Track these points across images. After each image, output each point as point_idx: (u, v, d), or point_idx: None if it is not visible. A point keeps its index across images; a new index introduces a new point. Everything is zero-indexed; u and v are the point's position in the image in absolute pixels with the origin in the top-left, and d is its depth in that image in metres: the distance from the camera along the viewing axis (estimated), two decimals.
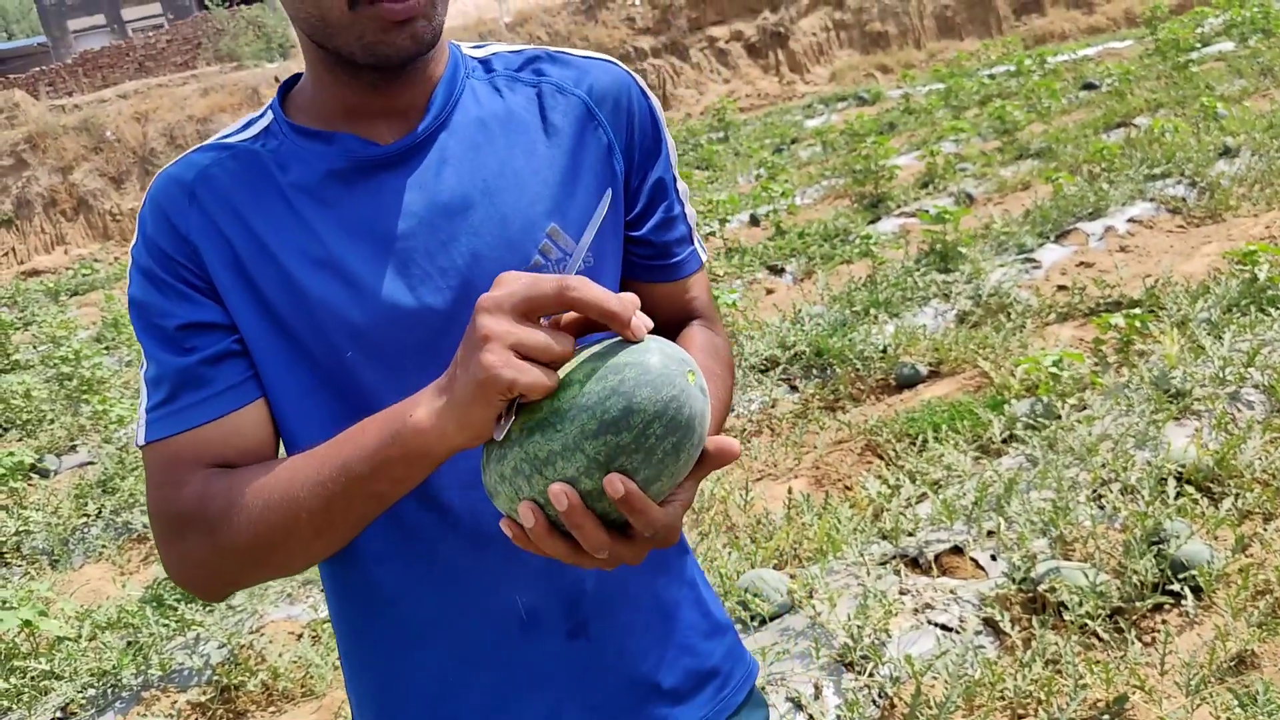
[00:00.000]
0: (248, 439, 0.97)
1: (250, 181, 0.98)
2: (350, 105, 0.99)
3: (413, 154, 0.99)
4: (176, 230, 0.96)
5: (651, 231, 1.11)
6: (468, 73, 1.06)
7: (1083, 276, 5.33)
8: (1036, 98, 10.34)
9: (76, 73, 24.12)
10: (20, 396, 6.77)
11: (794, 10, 19.02)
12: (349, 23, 0.90)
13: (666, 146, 1.12)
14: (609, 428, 0.75)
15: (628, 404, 0.75)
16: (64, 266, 14.97)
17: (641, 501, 0.76)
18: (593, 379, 0.77)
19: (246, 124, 1.04)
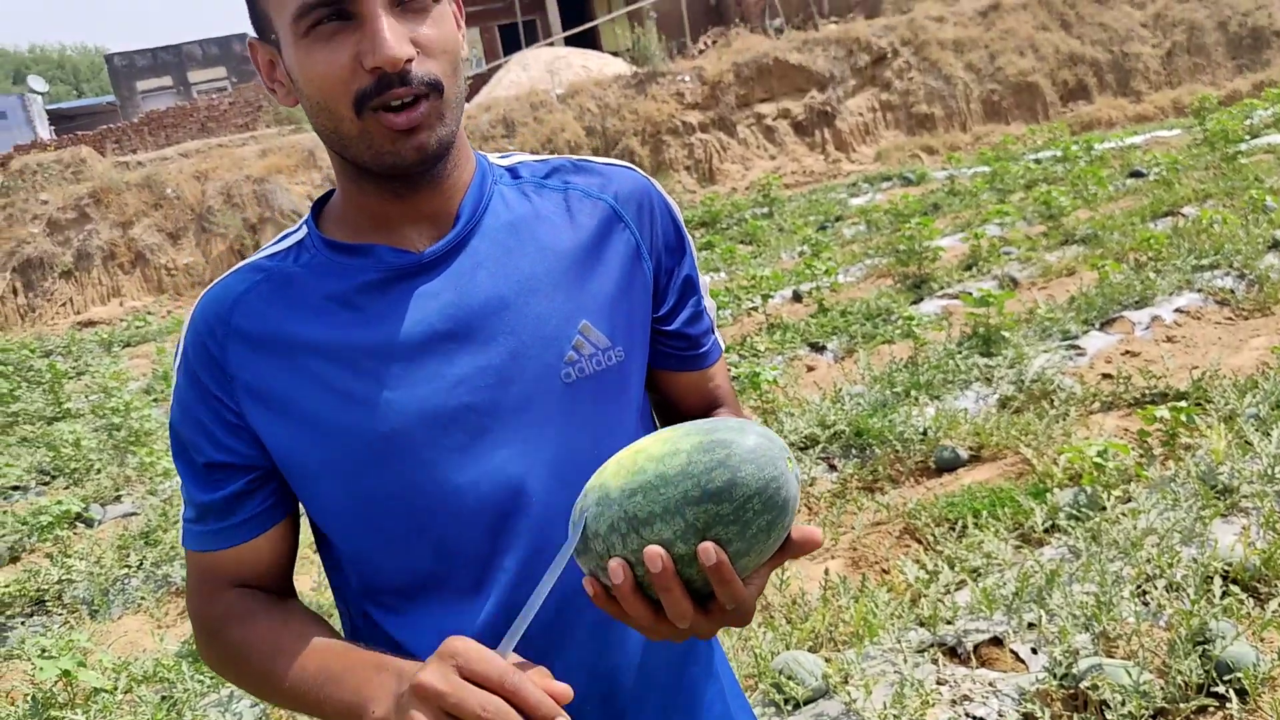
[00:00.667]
0: (263, 563, 1.10)
1: (285, 303, 1.04)
2: (380, 214, 1.05)
3: (446, 259, 1.04)
4: (214, 359, 1.04)
5: (683, 325, 1.19)
6: (495, 179, 1.11)
7: (1128, 366, 5.29)
8: (1083, 184, 10.37)
9: (142, 131, 24.92)
10: (70, 445, 6.91)
11: (841, 90, 19.28)
12: (358, 133, 0.96)
13: (689, 246, 1.20)
14: (712, 497, 0.79)
15: (732, 477, 0.80)
16: (118, 318, 15.31)
17: (730, 572, 0.81)
18: (699, 450, 0.82)
19: (283, 238, 1.11)
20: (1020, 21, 20.02)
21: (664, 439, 0.85)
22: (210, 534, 1.08)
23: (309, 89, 0.97)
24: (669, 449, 0.83)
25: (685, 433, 0.85)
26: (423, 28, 0.96)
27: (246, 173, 17.35)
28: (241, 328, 1.04)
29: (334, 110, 0.96)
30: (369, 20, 0.93)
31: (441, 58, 0.97)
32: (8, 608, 4.55)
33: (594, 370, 1.06)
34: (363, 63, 0.93)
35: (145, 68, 32.75)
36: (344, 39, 0.94)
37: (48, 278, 16.24)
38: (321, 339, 1.02)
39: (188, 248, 16.81)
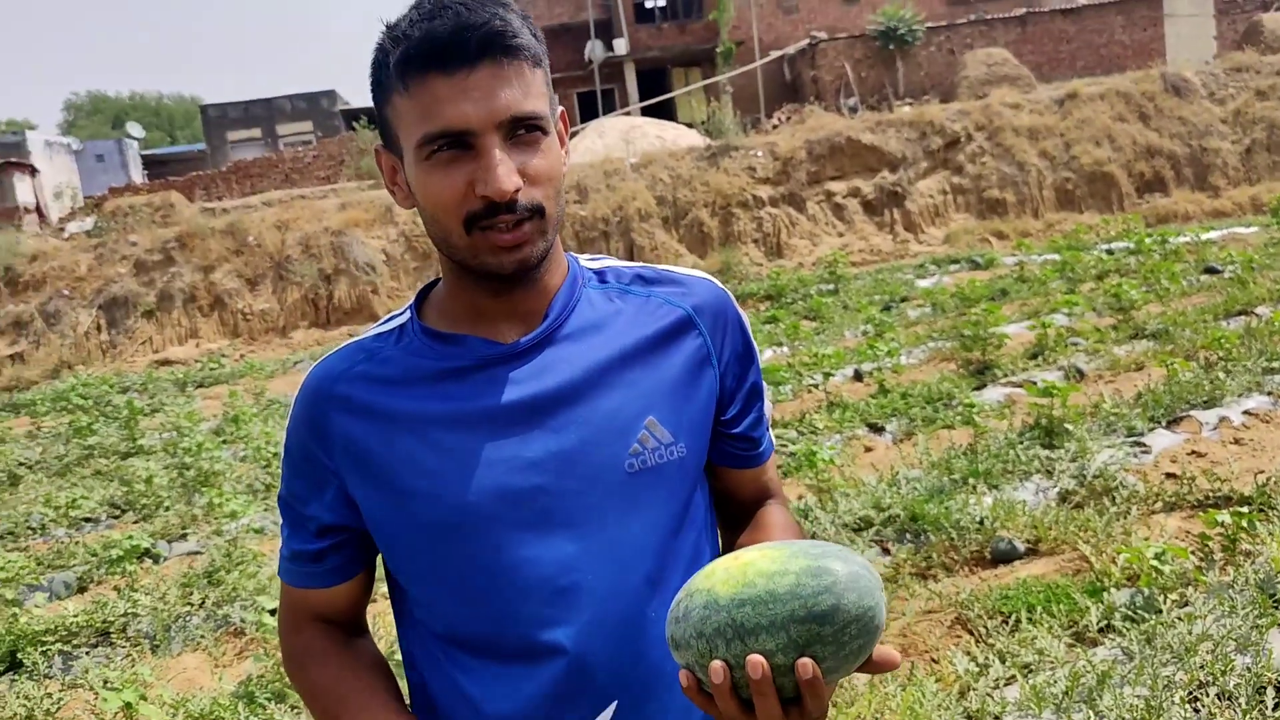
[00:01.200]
0: (341, 604, 1.26)
1: (382, 382, 1.17)
2: (477, 309, 1.17)
3: (531, 351, 1.16)
4: (318, 428, 1.18)
5: (748, 429, 1.29)
6: (584, 282, 1.23)
7: (1193, 466, 5.22)
8: (1155, 278, 10.28)
9: (229, 179, 25.87)
10: (142, 481, 7.13)
11: (913, 172, 19.38)
12: (466, 245, 1.09)
13: (755, 355, 1.30)
14: (816, 619, 0.90)
15: (836, 603, 0.90)
16: (194, 359, 15.80)
17: (822, 687, 0.91)
18: (807, 574, 0.92)
19: (388, 320, 1.25)
20: (1097, 112, 20.02)
21: (772, 557, 0.95)
22: (301, 574, 1.25)
23: (426, 203, 1.09)
24: (778, 568, 0.92)
25: (792, 554, 0.94)
26: (531, 159, 1.07)
27: (325, 224, 17.91)
28: (343, 402, 1.17)
29: (446, 225, 1.09)
30: (484, 154, 1.04)
31: (546, 185, 1.09)
32: (74, 637, 4.70)
33: (656, 463, 1.16)
34: (475, 189, 1.05)
35: (236, 119, 34.04)
36: (460, 166, 1.06)
37: (130, 316, 16.84)
38: (412, 416, 1.14)
39: (264, 294, 17.33)
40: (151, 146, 45.08)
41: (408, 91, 1.05)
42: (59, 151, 31.43)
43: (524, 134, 1.07)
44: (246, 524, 6.00)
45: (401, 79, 1.05)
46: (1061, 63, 26.75)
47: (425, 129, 1.05)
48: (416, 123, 1.05)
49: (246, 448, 8.29)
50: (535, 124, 1.07)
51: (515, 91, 1.05)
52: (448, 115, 1.03)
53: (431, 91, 1.04)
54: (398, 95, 1.07)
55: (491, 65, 1.03)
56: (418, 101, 1.05)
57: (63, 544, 6.36)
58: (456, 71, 1.03)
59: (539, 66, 1.09)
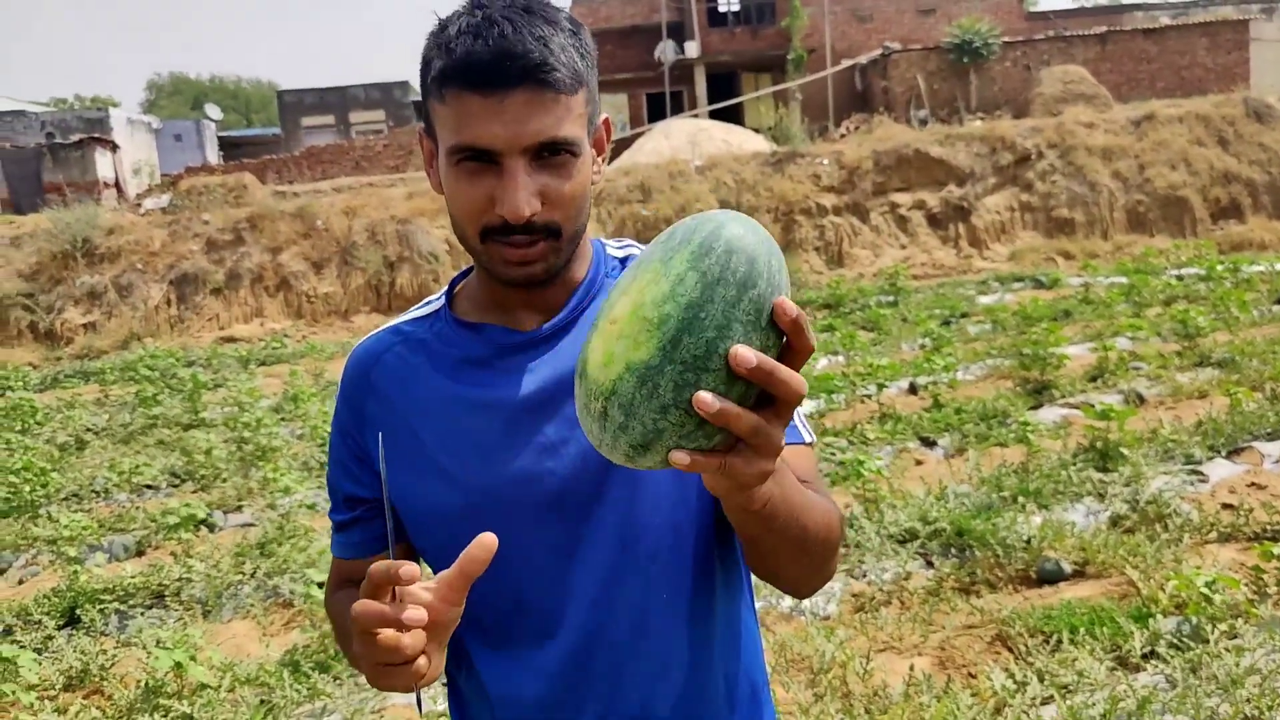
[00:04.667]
0: None
1: (412, 366, 1.25)
2: (499, 300, 1.22)
3: (550, 340, 1.20)
4: (354, 405, 1.27)
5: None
6: (607, 271, 1.27)
7: (1252, 498, 5.11)
8: (1225, 306, 10.04)
9: (301, 164, 26.35)
10: (202, 453, 7.32)
11: (980, 187, 19.14)
12: (480, 250, 1.14)
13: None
14: (746, 284, 0.78)
15: (750, 255, 0.79)
16: (258, 337, 16.13)
17: (805, 321, 0.81)
18: (698, 258, 0.79)
19: (424, 304, 1.31)
20: (1175, 134, 19.60)
21: (644, 284, 0.81)
22: (343, 545, 1.33)
23: (450, 204, 1.15)
24: (670, 284, 0.79)
25: (662, 259, 0.81)
26: (555, 182, 1.10)
27: (392, 212, 18.17)
28: (377, 383, 1.26)
29: (463, 228, 1.14)
30: (507, 175, 1.08)
31: (567, 206, 1.12)
32: (131, 597, 4.85)
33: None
34: (493, 205, 1.10)
35: (311, 105, 34.66)
36: (484, 178, 1.10)
37: (199, 293, 17.24)
38: (436, 400, 1.21)
39: (329, 278, 17.63)
40: (228, 128, 46.06)
41: (444, 100, 1.09)
42: (139, 129, 32.26)
43: (551, 157, 1.10)
44: (300, 499, 6.13)
45: (439, 89, 1.09)
46: (1141, 83, 26.22)
47: (456, 140, 1.09)
48: (449, 131, 1.10)
49: (304, 426, 8.47)
50: (564, 148, 1.09)
51: (548, 119, 1.07)
52: (477, 133, 1.07)
53: (465, 107, 1.07)
54: (436, 100, 1.11)
55: (527, 93, 1.06)
56: (452, 113, 1.08)
57: (124, 508, 6.56)
58: (492, 95, 1.05)
59: (579, 90, 1.10)
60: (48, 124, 29.40)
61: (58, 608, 4.75)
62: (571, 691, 1.18)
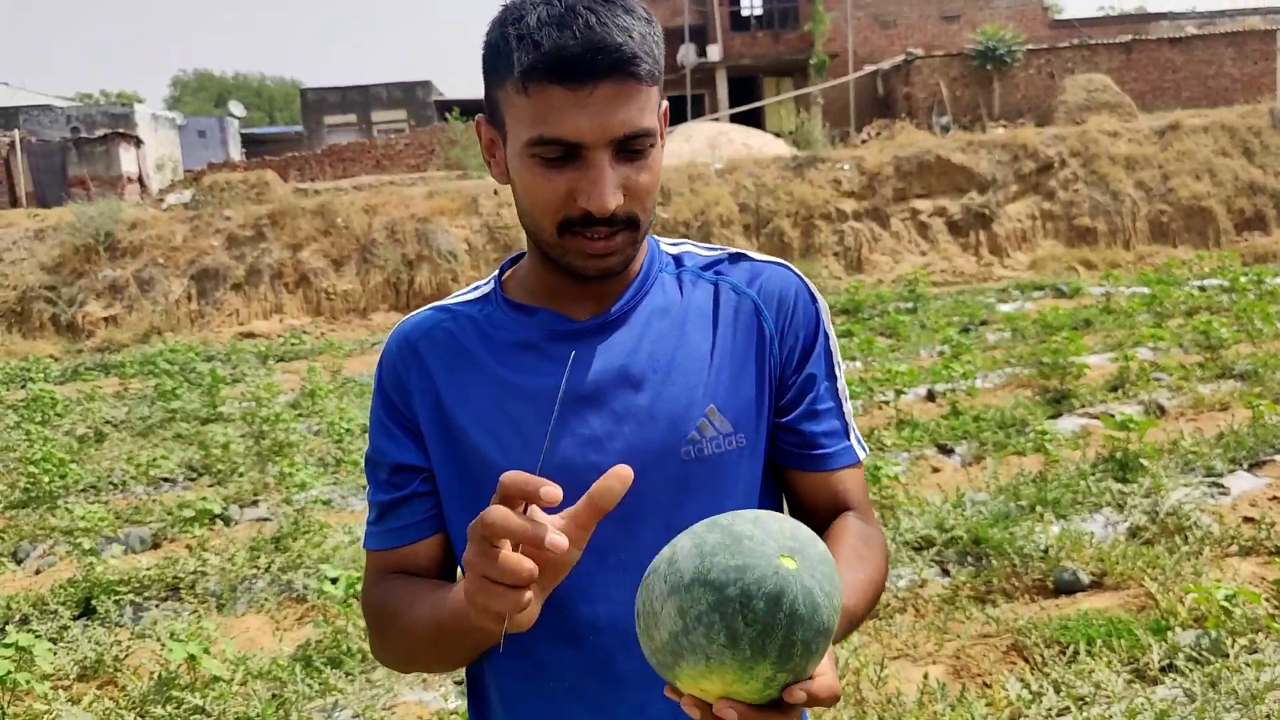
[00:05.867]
0: (422, 564, 1.23)
1: (460, 344, 1.22)
2: (554, 288, 1.20)
3: (601, 331, 1.18)
4: (400, 378, 1.23)
5: (796, 420, 1.23)
6: (661, 267, 1.25)
7: (1274, 512, 5.06)
8: (1248, 318, 9.95)
9: (323, 162, 26.48)
10: (220, 447, 7.35)
11: (1002, 195, 19.05)
12: (555, 243, 1.12)
13: (826, 347, 1.25)
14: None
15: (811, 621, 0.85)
16: (277, 333, 16.21)
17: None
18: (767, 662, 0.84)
19: (474, 289, 1.28)
20: (1199, 144, 19.46)
21: (730, 679, 0.85)
22: (384, 533, 1.24)
23: (524, 197, 1.12)
24: (756, 682, 0.85)
25: (741, 662, 0.84)
26: (636, 174, 1.09)
27: (412, 211, 18.23)
28: (424, 356, 1.22)
29: (539, 221, 1.11)
30: (592, 168, 1.06)
31: (645, 198, 1.11)
32: (146, 589, 4.87)
33: (713, 452, 1.16)
34: (577, 199, 1.07)
35: (334, 104, 34.80)
36: (564, 172, 1.07)
37: (219, 288, 17.35)
38: (483, 380, 1.19)
39: (348, 275, 17.70)
40: (251, 126, 46.34)
41: (526, 93, 1.05)
42: (163, 125, 32.51)
43: (633, 149, 1.08)
44: (316, 495, 6.15)
45: (523, 81, 1.05)
46: (1166, 92, 26.04)
47: (539, 132, 1.06)
48: (530, 123, 1.06)
49: (321, 422, 8.49)
50: (646, 139, 1.08)
51: (632, 110, 1.06)
52: (564, 127, 1.04)
53: (550, 100, 1.04)
54: (514, 90, 1.07)
55: (613, 85, 1.04)
56: (535, 105, 1.05)
57: (141, 501, 6.59)
58: (580, 88, 1.03)
59: (658, 81, 1.09)
60: (73, 119, 29.65)
61: (73, 598, 4.78)
62: (602, 693, 1.16)
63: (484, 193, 18.70)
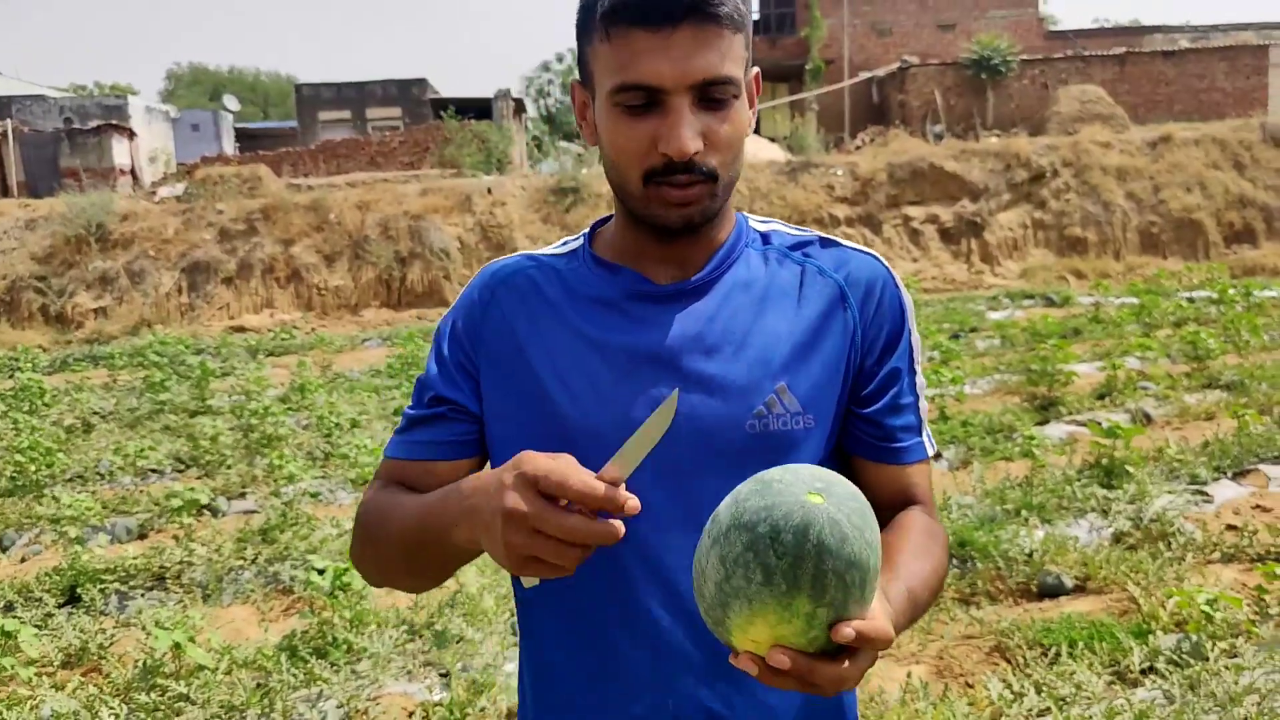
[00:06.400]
0: (432, 485, 1.19)
1: (543, 293, 1.24)
2: (639, 249, 1.21)
3: (682, 296, 1.19)
4: (475, 319, 1.24)
5: (878, 413, 1.23)
6: (748, 242, 1.26)
7: (1257, 520, 5.09)
8: (1235, 329, 10.01)
9: (317, 157, 26.40)
10: (208, 439, 7.34)
11: (994, 203, 19.13)
12: (640, 194, 1.13)
13: (909, 341, 1.25)
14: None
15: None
16: (267, 328, 16.18)
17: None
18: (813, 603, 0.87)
19: (563, 243, 1.30)
20: (1190, 157, 19.58)
21: (773, 621, 0.88)
22: (407, 444, 1.25)
23: (609, 148, 1.14)
24: (799, 621, 0.87)
25: (780, 600, 0.87)
26: (717, 124, 1.11)
27: (405, 209, 18.22)
28: (503, 301, 1.25)
29: (624, 173, 1.13)
30: (672, 112, 1.08)
31: (725, 151, 1.12)
32: (132, 578, 4.87)
33: (779, 429, 1.16)
34: (657, 146, 1.09)
35: (329, 100, 34.70)
36: (647, 120, 1.10)
37: (211, 281, 17.31)
38: (561, 329, 1.21)
39: (340, 271, 17.68)
40: (245, 120, 46.22)
41: (609, 39, 1.09)
42: (157, 118, 32.40)
43: (715, 97, 1.10)
44: (304, 488, 6.14)
45: (605, 27, 1.08)
46: (1158, 105, 26.19)
47: (620, 79, 1.09)
48: (613, 71, 1.09)
49: (310, 416, 8.49)
50: (727, 88, 1.10)
51: (713, 55, 1.07)
52: (644, 70, 1.07)
53: (631, 45, 1.07)
54: (599, 40, 1.10)
55: (693, 27, 1.06)
56: (617, 51, 1.08)
57: (128, 491, 6.58)
58: (660, 29, 1.06)
59: (740, 31, 1.11)
60: (66, 109, 29.53)
61: (59, 586, 4.77)
62: (664, 660, 1.16)
63: (477, 191, 18.70)
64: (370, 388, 10.11)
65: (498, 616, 4.17)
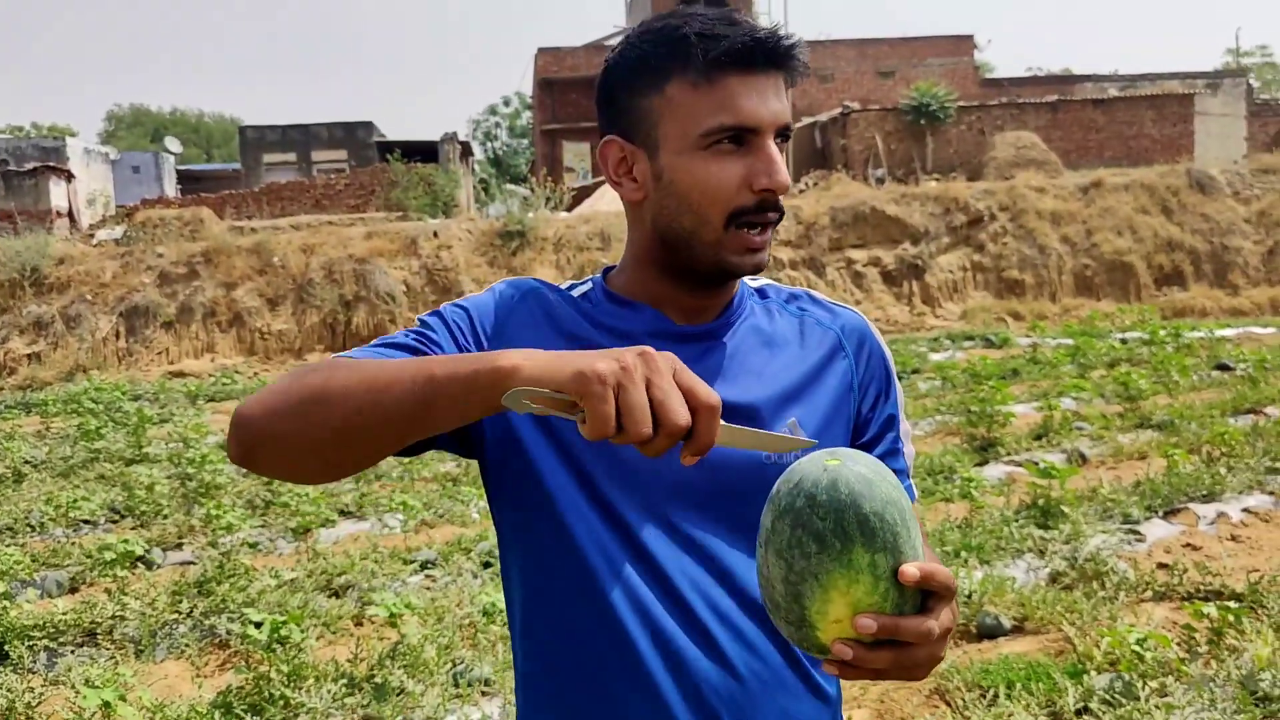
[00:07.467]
0: None
1: (564, 315, 1.25)
2: (661, 294, 1.25)
3: (700, 338, 1.24)
4: (502, 308, 1.24)
5: (882, 457, 1.29)
6: (750, 294, 1.33)
7: (1186, 559, 5.22)
8: (1166, 370, 10.29)
9: (260, 200, 26.20)
10: (144, 488, 7.19)
11: (934, 246, 19.52)
12: (715, 239, 1.17)
13: (896, 390, 1.35)
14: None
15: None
16: (208, 373, 15.94)
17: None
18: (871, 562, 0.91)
19: (570, 286, 1.32)
20: (1121, 202, 20.17)
21: (845, 588, 0.91)
22: (375, 349, 1.15)
23: (692, 192, 1.16)
24: (869, 578, 0.92)
25: (846, 565, 0.91)
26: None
27: (350, 251, 18.12)
28: (532, 310, 1.25)
29: (705, 216, 1.16)
30: (764, 149, 1.15)
31: (784, 193, 1.19)
32: (61, 635, 4.73)
33: (791, 461, 1.19)
34: (752, 184, 1.14)
35: (273, 142, 34.54)
36: (736, 159, 1.15)
37: (149, 326, 17.03)
38: (583, 347, 1.19)
39: (284, 315, 17.50)
40: (188, 162, 45.76)
41: (709, 83, 1.13)
42: (96, 160, 31.97)
43: (780, 143, 1.17)
44: (243, 538, 6.04)
45: (706, 71, 1.13)
46: (1090, 151, 26.98)
47: (717, 120, 1.13)
48: (707, 113, 1.14)
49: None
50: (788, 133, 1.18)
51: (785, 104, 1.17)
52: (744, 111, 1.13)
53: (729, 88, 1.13)
54: (688, 87, 1.14)
55: (777, 76, 1.15)
56: (717, 94, 1.13)
57: (59, 543, 6.41)
58: (754, 75, 1.13)
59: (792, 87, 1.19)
60: (2, 151, 29.04)
61: None
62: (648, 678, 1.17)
63: (423, 234, 18.66)
64: None
65: (439, 668, 4.12)
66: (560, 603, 1.19)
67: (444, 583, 5.31)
